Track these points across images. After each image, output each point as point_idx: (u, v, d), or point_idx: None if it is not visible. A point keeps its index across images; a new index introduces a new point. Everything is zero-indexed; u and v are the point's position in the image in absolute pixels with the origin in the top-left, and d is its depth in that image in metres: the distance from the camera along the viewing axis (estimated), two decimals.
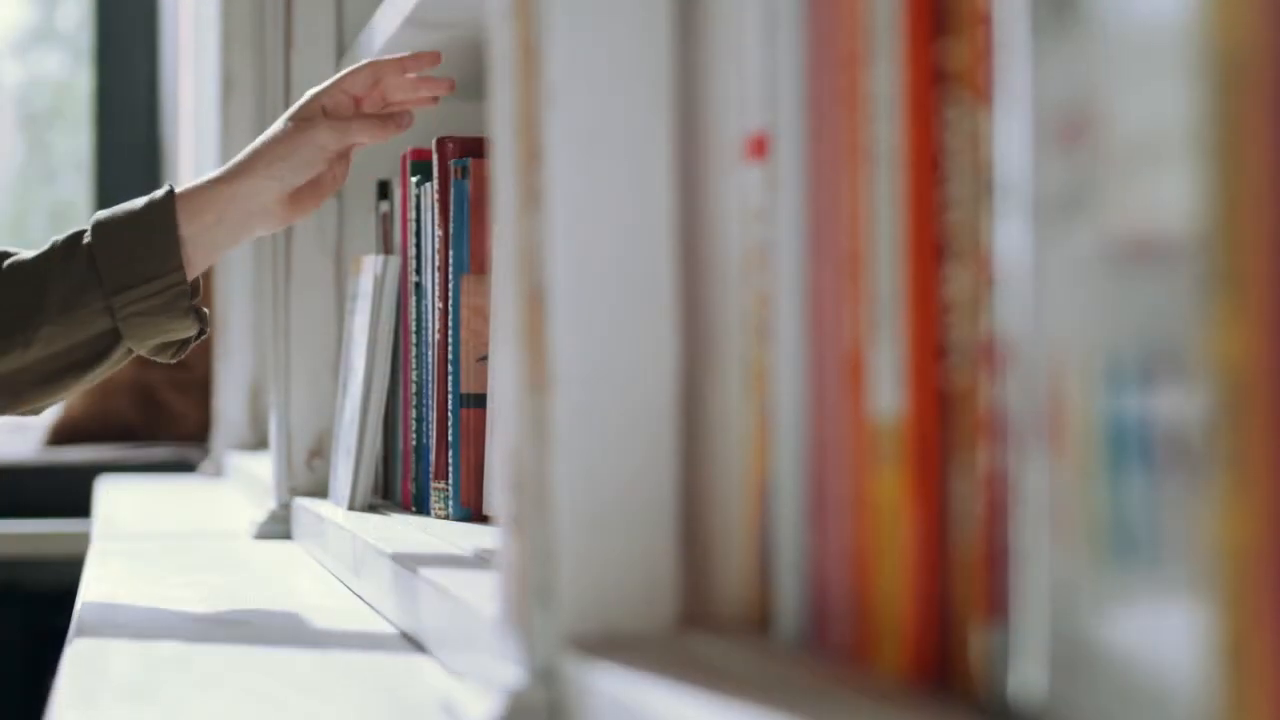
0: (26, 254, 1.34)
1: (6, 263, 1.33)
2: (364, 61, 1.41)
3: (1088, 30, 0.52)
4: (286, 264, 1.75)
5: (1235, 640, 0.46)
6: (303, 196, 1.38)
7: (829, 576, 0.68)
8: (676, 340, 0.78)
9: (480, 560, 1.11)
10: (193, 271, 1.34)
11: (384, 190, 1.65)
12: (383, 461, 1.60)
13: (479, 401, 1.41)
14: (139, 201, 1.34)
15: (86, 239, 1.32)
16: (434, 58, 1.41)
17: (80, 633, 1.10)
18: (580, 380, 0.76)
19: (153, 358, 1.36)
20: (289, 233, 1.73)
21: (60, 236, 1.34)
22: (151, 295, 1.31)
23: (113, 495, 2.37)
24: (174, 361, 1.38)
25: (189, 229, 1.33)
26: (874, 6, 0.65)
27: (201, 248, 1.34)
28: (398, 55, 1.41)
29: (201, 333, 1.36)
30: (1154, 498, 0.48)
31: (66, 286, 1.31)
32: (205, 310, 1.36)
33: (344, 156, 1.41)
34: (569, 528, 0.75)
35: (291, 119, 1.38)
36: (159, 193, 1.35)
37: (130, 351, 1.34)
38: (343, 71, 1.41)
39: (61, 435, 3.16)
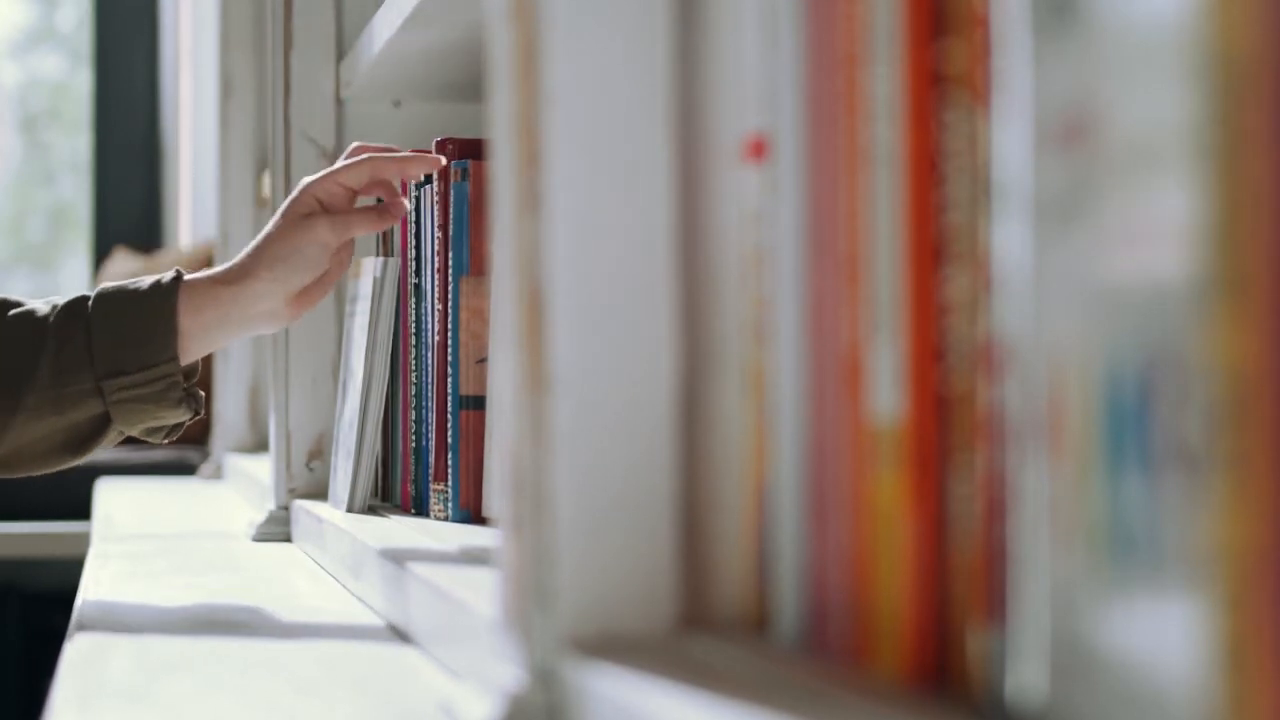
0: (30, 305, 1.32)
1: (12, 312, 1.31)
2: (362, 157, 1.39)
3: (1087, 32, 0.52)
4: None
5: (1235, 641, 0.46)
6: (309, 291, 1.36)
7: (828, 578, 0.68)
8: (676, 342, 0.78)
9: (479, 561, 1.11)
10: (187, 359, 1.32)
11: None
12: (382, 463, 1.60)
13: (478, 403, 1.41)
14: (145, 280, 1.32)
15: (89, 306, 1.30)
16: (435, 162, 1.40)
17: (79, 633, 1.10)
18: (580, 382, 0.76)
19: (145, 438, 1.35)
20: None
21: (63, 299, 1.32)
22: (142, 385, 1.29)
23: (112, 497, 2.37)
24: (166, 442, 1.37)
25: (188, 323, 1.31)
26: (873, 8, 0.65)
27: (197, 341, 1.32)
28: (399, 155, 1.40)
29: (196, 413, 1.34)
30: (1153, 499, 0.48)
31: (59, 359, 1.29)
32: (200, 393, 1.34)
33: (345, 246, 1.39)
34: (568, 529, 0.75)
35: (286, 214, 1.36)
36: (166, 275, 1.32)
37: (122, 432, 1.33)
38: (337, 164, 1.39)
39: None
